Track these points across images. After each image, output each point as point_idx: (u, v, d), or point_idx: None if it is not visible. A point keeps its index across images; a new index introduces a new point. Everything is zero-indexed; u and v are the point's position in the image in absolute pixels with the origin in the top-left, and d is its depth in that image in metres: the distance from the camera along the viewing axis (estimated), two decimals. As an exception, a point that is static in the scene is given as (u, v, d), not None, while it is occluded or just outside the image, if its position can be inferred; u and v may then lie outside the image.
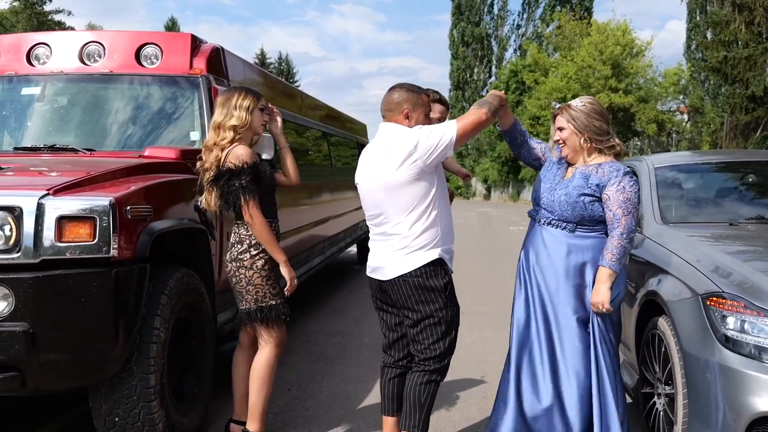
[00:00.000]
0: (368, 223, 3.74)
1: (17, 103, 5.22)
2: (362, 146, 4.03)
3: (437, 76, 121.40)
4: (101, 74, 5.15)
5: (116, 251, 3.44)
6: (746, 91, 22.36)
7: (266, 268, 3.86)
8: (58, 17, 44.37)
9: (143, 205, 3.71)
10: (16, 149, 4.88)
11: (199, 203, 4.05)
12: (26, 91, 5.21)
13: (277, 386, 5.22)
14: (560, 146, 3.74)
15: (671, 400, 3.53)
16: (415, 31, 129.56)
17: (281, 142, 4.21)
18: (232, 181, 3.71)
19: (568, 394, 3.59)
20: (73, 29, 39.97)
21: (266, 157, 4.13)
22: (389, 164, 3.49)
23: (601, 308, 3.48)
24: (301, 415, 4.73)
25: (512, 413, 3.67)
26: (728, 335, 3.12)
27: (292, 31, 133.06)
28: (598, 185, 3.55)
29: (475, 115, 3.52)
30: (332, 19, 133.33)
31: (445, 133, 3.44)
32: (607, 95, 32.64)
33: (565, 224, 3.64)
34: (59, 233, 3.36)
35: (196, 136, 4.90)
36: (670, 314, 3.53)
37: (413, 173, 3.44)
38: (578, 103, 3.70)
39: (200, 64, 5.10)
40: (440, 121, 4.03)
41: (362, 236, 10.61)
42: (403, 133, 3.54)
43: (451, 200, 4.20)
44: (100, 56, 5.23)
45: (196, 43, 5.19)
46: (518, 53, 51.73)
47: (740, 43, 23.25)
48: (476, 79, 55.03)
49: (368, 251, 3.81)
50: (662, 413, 3.67)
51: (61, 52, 5.28)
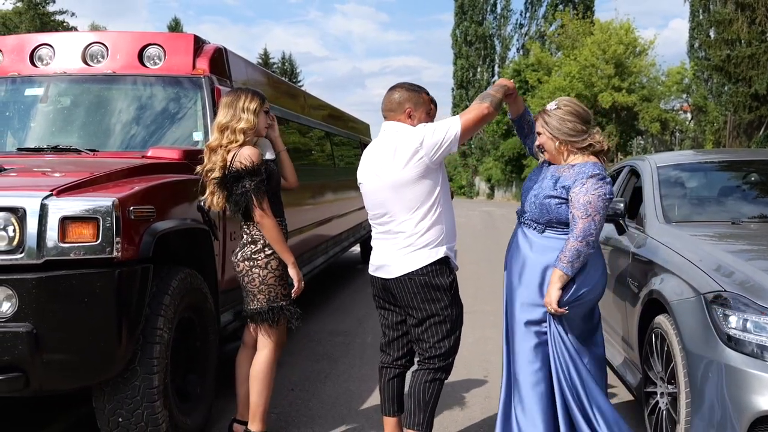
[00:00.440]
0: (371, 221, 3.75)
1: (20, 103, 5.23)
2: (365, 146, 4.03)
3: (440, 75, 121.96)
4: (104, 75, 5.16)
5: (119, 252, 3.45)
6: (749, 89, 22.31)
7: (280, 268, 3.89)
8: (61, 18, 44.40)
9: (146, 205, 3.72)
10: (19, 150, 4.89)
11: (202, 203, 4.06)
12: (29, 91, 5.22)
13: (280, 386, 5.24)
14: (542, 150, 3.74)
15: (674, 399, 3.52)
16: (417, 30, 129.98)
17: (279, 146, 4.21)
18: (242, 182, 3.72)
19: (524, 400, 3.57)
20: (76, 30, 40.04)
21: (269, 157, 4.14)
22: (395, 162, 3.50)
23: (551, 309, 3.46)
24: (304, 414, 4.74)
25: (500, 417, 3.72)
26: (731, 334, 3.11)
27: (294, 30, 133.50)
28: (564, 187, 3.49)
29: (477, 110, 3.54)
30: (335, 18, 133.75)
31: (449, 128, 3.47)
32: (610, 94, 32.61)
33: (536, 225, 3.63)
34: (62, 234, 3.37)
35: (199, 136, 4.91)
36: (672, 313, 3.53)
37: (419, 170, 3.46)
38: (552, 106, 3.67)
39: (203, 64, 5.10)
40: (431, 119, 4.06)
41: (365, 236, 10.62)
42: (407, 131, 3.57)
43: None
44: (103, 57, 5.23)
45: (198, 43, 5.20)
46: (521, 52, 51.70)
47: (743, 41, 23.20)
48: (479, 78, 55.01)
49: (371, 250, 3.81)
50: (665, 412, 3.67)
51: (64, 52, 5.29)
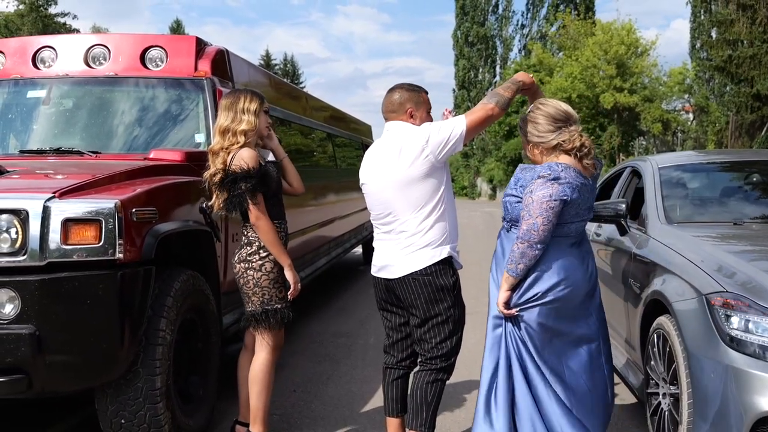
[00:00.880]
0: (374, 222, 3.75)
1: (23, 106, 5.24)
2: (367, 147, 4.03)
3: (441, 76, 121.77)
4: (106, 77, 5.17)
5: (122, 253, 3.46)
6: (751, 90, 22.29)
7: (274, 270, 3.85)
8: (63, 20, 44.42)
9: (149, 207, 3.72)
10: (21, 152, 4.90)
11: (205, 206, 4.05)
12: (32, 94, 5.23)
13: (282, 387, 5.24)
14: None
15: (676, 399, 3.52)
16: (419, 31, 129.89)
17: (280, 154, 4.19)
18: (238, 184, 3.72)
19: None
20: (78, 32, 40.08)
21: (271, 158, 4.14)
22: (401, 161, 3.50)
23: (499, 310, 3.46)
24: (306, 416, 4.74)
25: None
26: (733, 335, 3.12)
27: (297, 32, 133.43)
28: (522, 186, 3.48)
29: (482, 110, 3.55)
30: (337, 20, 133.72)
31: (455, 127, 3.48)
32: (612, 95, 32.64)
33: (504, 223, 3.62)
34: (65, 236, 3.38)
35: (201, 138, 4.92)
36: (674, 314, 3.53)
37: (425, 169, 3.47)
38: (528, 109, 3.64)
39: (205, 66, 5.11)
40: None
41: (368, 237, 10.62)
42: (412, 130, 3.58)
43: None
44: (105, 59, 5.25)
45: (200, 45, 5.21)
46: (523, 53, 51.68)
47: (745, 42, 23.19)
48: (481, 79, 54.98)
49: (373, 252, 3.81)
50: (667, 413, 3.67)
51: (66, 55, 5.30)
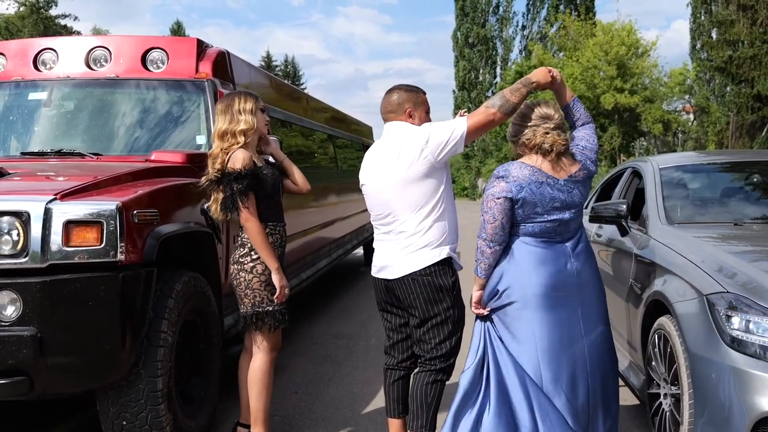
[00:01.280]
0: (374, 223, 3.75)
1: (24, 108, 5.25)
2: (368, 148, 4.03)
3: (442, 77, 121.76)
4: (107, 79, 5.18)
5: (123, 255, 3.46)
6: (752, 90, 22.26)
7: (266, 273, 3.82)
8: (63, 22, 44.39)
9: (150, 209, 3.73)
10: (23, 154, 4.90)
11: (206, 208, 4.05)
12: (33, 96, 5.24)
13: (284, 389, 5.25)
14: None
15: (677, 400, 3.52)
16: (420, 32, 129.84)
17: (280, 156, 4.18)
18: (230, 185, 3.71)
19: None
20: (79, 34, 40.09)
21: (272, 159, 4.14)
22: (401, 161, 3.50)
23: (472, 309, 3.60)
24: (308, 417, 4.75)
25: None
26: (733, 335, 3.12)
27: (297, 33, 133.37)
28: None
29: (484, 114, 3.51)
30: (338, 21, 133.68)
31: (455, 129, 3.46)
32: (612, 95, 32.57)
33: None
34: (66, 238, 3.39)
35: (202, 139, 4.92)
36: (675, 315, 3.53)
37: (424, 169, 3.47)
38: None
39: (206, 68, 5.12)
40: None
41: (369, 238, 10.63)
42: (412, 130, 3.57)
43: None
44: (106, 61, 5.26)
45: (201, 47, 5.22)
46: (523, 54, 51.67)
47: (745, 42, 23.17)
48: (482, 80, 54.96)
49: (374, 253, 3.81)
50: (668, 413, 3.67)
51: (67, 57, 5.31)
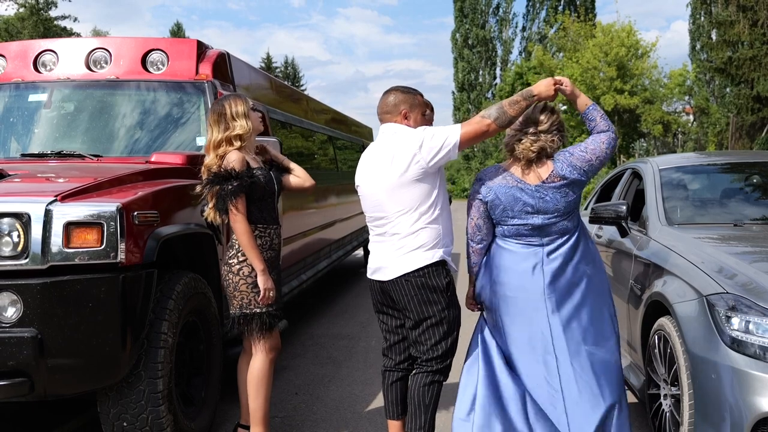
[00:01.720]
0: (369, 224, 3.77)
1: (24, 109, 5.25)
2: (368, 149, 4.04)
3: (443, 78, 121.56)
4: (108, 80, 5.18)
5: (124, 256, 3.47)
6: (751, 91, 22.28)
7: (252, 275, 3.78)
8: (63, 23, 44.40)
9: (150, 210, 3.73)
10: (23, 156, 4.90)
11: (203, 214, 4.03)
12: (33, 97, 5.24)
13: (284, 390, 5.25)
14: None
15: (677, 401, 3.53)
16: (420, 33, 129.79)
17: (279, 159, 4.20)
18: (222, 185, 3.69)
19: None
20: (78, 35, 40.11)
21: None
22: (394, 165, 3.50)
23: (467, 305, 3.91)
24: (308, 418, 4.75)
25: None
26: (733, 336, 3.12)
27: (298, 35, 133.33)
28: None
29: (479, 124, 3.48)
30: (338, 22, 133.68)
31: (448, 136, 3.45)
32: (612, 96, 32.60)
33: None
34: (67, 239, 3.39)
35: (202, 141, 4.92)
36: (675, 315, 3.54)
37: (417, 173, 3.46)
38: None
39: (206, 69, 5.12)
40: (428, 122, 4.06)
41: (369, 239, 10.60)
42: (406, 133, 3.56)
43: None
44: (106, 63, 5.26)
45: (201, 48, 5.23)
46: (523, 55, 51.70)
47: (745, 43, 23.17)
48: (481, 81, 54.99)
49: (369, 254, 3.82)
50: (668, 414, 3.68)
51: (67, 58, 5.31)
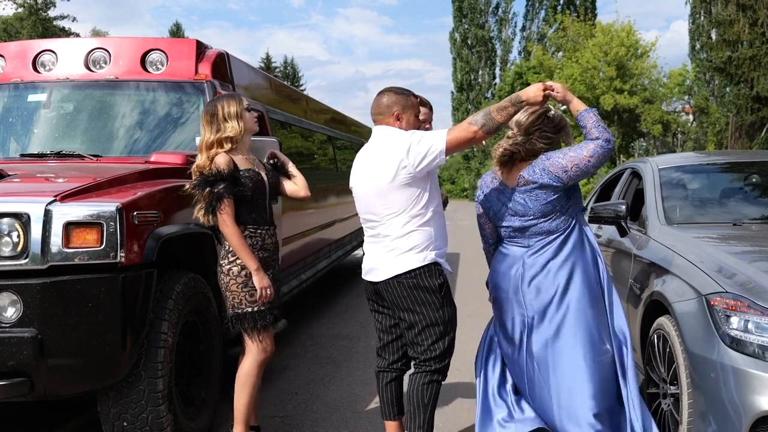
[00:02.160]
0: (363, 225, 3.77)
1: (23, 109, 5.25)
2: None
3: (442, 78, 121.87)
4: (107, 80, 5.19)
5: (123, 256, 3.47)
6: (751, 91, 22.27)
7: (242, 275, 3.77)
8: (62, 23, 44.38)
9: (150, 210, 3.74)
10: (22, 156, 4.90)
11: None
12: (32, 97, 5.24)
13: (284, 390, 5.27)
14: None
15: (676, 400, 3.53)
16: (420, 33, 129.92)
17: (285, 161, 4.18)
18: (209, 189, 3.68)
19: None
20: (78, 35, 40.09)
21: (268, 160, 4.13)
22: (382, 169, 3.50)
23: None
24: (308, 418, 4.75)
25: None
26: (732, 335, 3.13)
27: (298, 35, 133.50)
28: None
29: (466, 131, 3.42)
30: (337, 22, 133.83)
31: (434, 143, 3.41)
32: (612, 96, 32.58)
33: None
34: (66, 239, 3.39)
35: (201, 141, 4.92)
36: (674, 314, 3.54)
37: (405, 179, 3.46)
38: None
39: (205, 69, 5.13)
40: (425, 122, 4.06)
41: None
42: (396, 138, 3.53)
43: (445, 205, 4.21)
44: (105, 62, 5.26)
45: (201, 48, 5.23)
46: (522, 55, 51.69)
47: (745, 43, 23.17)
48: (481, 81, 54.98)
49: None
50: (668, 413, 3.68)
51: (66, 58, 5.31)
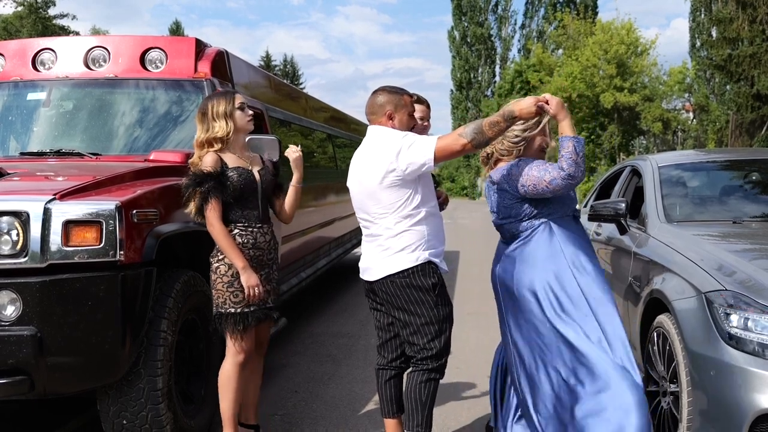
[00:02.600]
0: (360, 225, 3.77)
1: (23, 108, 5.24)
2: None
3: (442, 76, 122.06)
4: (106, 79, 5.18)
5: (123, 255, 3.47)
6: (751, 89, 22.25)
7: (228, 274, 3.73)
8: (62, 22, 44.35)
9: (149, 208, 3.73)
10: (22, 154, 4.90)
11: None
12: (32, 96, 5.23)
13: (283, 388, 5.27)
14: None
15: (676, 398, 3.53)
16: (420, 31, 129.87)
17: (296, 177, 4.08)
18: (195, 188, 3.65)
19: None
20: (77, 34, 40.05)
21: (269, 158, 4.12)
22: (374, 171, 3.50)
23: None
24: (308, 416, 4.75)
25: None
26: (732, 333, 3.13)
27: (297, 33, 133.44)
28: None
29: (455, 142, 3.37)
30: (337, 21, 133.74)
31: (423, 150, 3.38)
32: (612, 94, 32.56)
33: None
34: (66, 237, 3.39)
35: (201, 139, 4.92)
36: (674, 312, 3.54)
37: (394, 180, 3.46)
38: None
39: (205, 67, 5.12)
40: (423, 120, 4.04)
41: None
42: (388, 140, 3.51)
43: (445, 205, 4.19)
44: (105, 61, 5.26)
45: (200, 47, 5.22)
46: (522, 53, 51.66)
47: (745, 40, 23.15)
48: (480, 79, 54.94)
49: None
50: (667, 411, 3.68)
51: (66, 57, 5.31)
